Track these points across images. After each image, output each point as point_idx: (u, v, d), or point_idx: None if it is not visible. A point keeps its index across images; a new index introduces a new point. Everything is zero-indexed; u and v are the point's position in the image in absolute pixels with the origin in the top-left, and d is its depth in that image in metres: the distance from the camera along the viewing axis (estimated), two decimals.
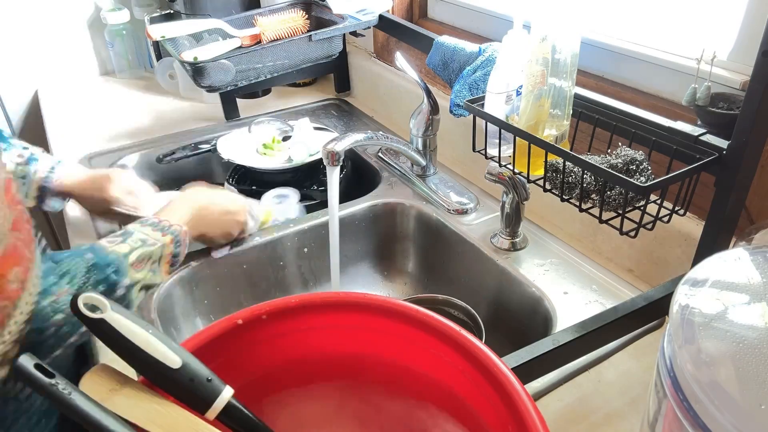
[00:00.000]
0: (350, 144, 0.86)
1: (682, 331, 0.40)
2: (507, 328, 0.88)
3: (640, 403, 0.64)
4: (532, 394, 0.64)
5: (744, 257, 0.45)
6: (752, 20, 0.71)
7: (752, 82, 0.55)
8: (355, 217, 1.01)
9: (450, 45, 0.96)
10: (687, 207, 0.65)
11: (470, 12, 1.16)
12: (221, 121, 1.32)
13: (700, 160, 0.61)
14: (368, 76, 1.39)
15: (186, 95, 1.45)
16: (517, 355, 0.57)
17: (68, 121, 1.35)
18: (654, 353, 0.44)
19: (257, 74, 1.11)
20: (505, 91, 0.75)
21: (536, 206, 0.95)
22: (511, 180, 0.82)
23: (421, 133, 1.02)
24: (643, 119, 0.67)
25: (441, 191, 1.02)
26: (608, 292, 0.80)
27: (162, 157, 1.15)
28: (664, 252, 0.78)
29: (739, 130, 0.58)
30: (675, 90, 0.80)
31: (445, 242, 0.97)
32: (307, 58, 1.14)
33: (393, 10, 1.26)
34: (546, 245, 0.90)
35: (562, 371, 0.66)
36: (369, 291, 1.05)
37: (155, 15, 1.39)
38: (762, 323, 0.38)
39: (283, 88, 1.50)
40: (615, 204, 0.65)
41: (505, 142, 0.79)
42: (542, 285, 0.81)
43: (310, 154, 1.10)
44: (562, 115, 0.70)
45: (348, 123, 1.33)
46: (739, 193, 0.62)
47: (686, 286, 0.43)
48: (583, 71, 0.90)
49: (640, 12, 0.86)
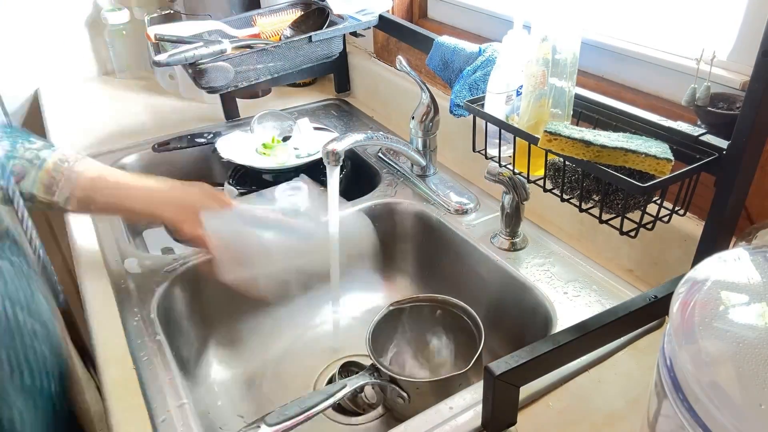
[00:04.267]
0: (350, 144, 0.86)
1: (682, 331, 0.40)
2: (507, 328, 0.89)
3: (640, 403, 0.64)
4: (532, 394, 0.65)
5: (744, 257, 0.45)
6: (752, 20, 0.71)
7: (752, 82, 0.55)
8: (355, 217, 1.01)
9: (450, 45, 0.96)
10: (687, 207, 0.65)
11: (470, 12, 1.16)
12: (221, 121, 1.32)
13: (700, 160, 0.61)
14: (368, 76, 1.39)
15: (186, 95, 1.45)
16: (517, 355, 0.57)
17: (68, 121, 1.35)
18: (654, 353, 0.44)
19: (257, 75, 1.11)
20: (505, 92, 0.75)
21: (536, 206, 0.95)
22: (511, 180, 0.82)
23: (421, 134, 1.02)
24: (643, 119, 0.67)
25: (441, 191, 1.02)
26: (608, 292, 0.80)
27: (157, 146, 1.15)
28: (664, 252, 0.78)
29: (739, 130, 0.58)
30: (675, 90, 0.80)
31: (445, 242, 0.97)
32: (307, 58, 1.14)
33: (393, 10, 1.26)
34: (546, 245, 0.90)
35: (562, 371, 0.66)
36: (369, 291, 1.05)
37: (155, 15, 1.39)
38: (762, 323, 0.38)
39: (283, 89, 1.50)
40: (617, 207, 0.65)
41: (505, 142, 0.79)
42: (542, 285, 0.81)
43: (309, 154, 1.10)
44: (563, 115, 0.70)
45: (348, 123, 1.33)
46: (739, 193, 0.62)
47: (686, 286, 0.43)
48: (583, 71, 0.90)
49: (640, 12, 0.86)
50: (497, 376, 0.55)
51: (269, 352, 0.94)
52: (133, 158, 1.19)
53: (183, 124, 1.31)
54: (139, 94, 1.50)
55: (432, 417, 0.63)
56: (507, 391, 0.58)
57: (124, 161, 1.17)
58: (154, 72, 1.53)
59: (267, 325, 0.96)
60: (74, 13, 1.55)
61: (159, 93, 1.49)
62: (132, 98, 1.48)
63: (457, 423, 0.63)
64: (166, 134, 1.25)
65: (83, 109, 1.43)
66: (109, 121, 1.33)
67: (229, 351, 0.93)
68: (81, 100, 1.48)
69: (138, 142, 1.23)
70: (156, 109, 1.41)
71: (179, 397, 0.67)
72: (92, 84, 1.59)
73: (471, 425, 0.62)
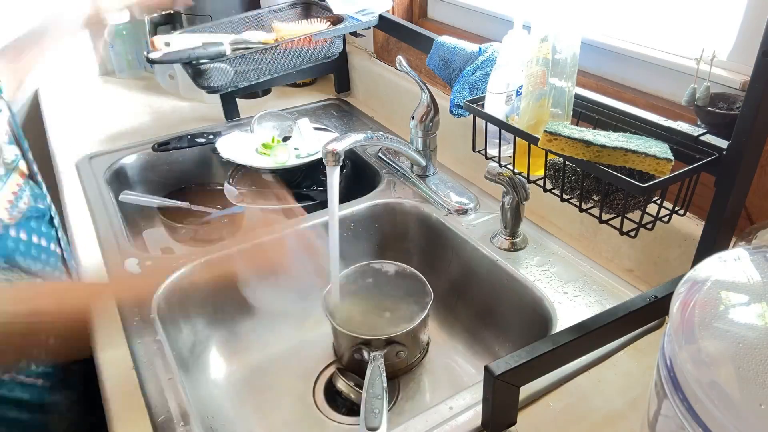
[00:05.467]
0: (350, 144, 0.86)
1: (682, 331, 0.40)
2: (507, 328, 0.88)
3: (640, 403, 0.64)
4: (532, 394, 0.65)
5: (744, 257, 0.45)
6: (752, 20, 0.71)
7: (752, 82, 0.55)
8: (355, 217, 1.01)
9: (450, 45, 0.96)
10: (687, 207, 0.65)
11: (470, 12, 1.16)
12: (221, 121, 1.32)
13: (700, 160, 0.61)
14: (368, 76, 1.39)
15: (186, 95, 1.45)
16: (517, 355, 0.57)
17: (68, 121, 1.35)
18: (654, 353, 0.44)
19: (257, 75, 1.11)
20: (505, 92, 0.75)
21: (536, 206, 0.95)
22: (511, 180, 0.82)
23: (421, 134, 1.02)
24: (643, 119, 0.67)
25: (441, 191, 1.02)
26: (608, 292, 0.80)
27: (157, 146, 1.15)
28: (664, 252, 0.78)
29: (739, 130, 0.58)
30: (675, 90, 0.80)
31: (445, 242, 0.97)
32: (308, 58, 1.14)
33: (393, 10, 1.26)
34: (546, 245, 0.90)
35: (562, 371, 0.66)
36: None
37: (155, 15, 1.39)
38: (762, 323, 0.38)
39: (283, 89, 1.50)
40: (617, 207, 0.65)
41: (505, 142, 0.79)
42: (542, 285, 0.81)
43: (309, 154, 1.10)
44: (563, 115, 0.70)
45: (348, 123, 1.33)
46: (739, 193, 0.62)
47: (686, 286, 0.43)
48: (583, 71, 0.90)
49: (640, 12, 0.86)
50: (497, 376, 0.55)
51: (269, 352, 0.94)
52: (133, 158, 1.19)
53: (183, 124, 1.31)
54: (139, 94, 1.50)
55: (432, 417, 0.63)
56: (507, 391, 0.58)
57: (124, 161, 1.17)
58: (154, 72, 1.53)
59: (267, 325, 0.96)
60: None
61: (159, 93, 1.49)
62: (132, 98, 1.48)
63: (457, 423, 0.63)
64: (166, 134, 1.25)
65: (83, 109, 1.43)
66: (109, 121, 1.33)
67: (229, 351, 0.93)
68: (81, 100, 1.48)
69: (138, 142, 1.23)
70: (156, 109, 1.41)
71: (179, 397, 0.67)
72: (92, 84, 1.59)
73: (471, 425, 0.62)
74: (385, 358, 0.78)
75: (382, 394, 0.70)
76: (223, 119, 1.33)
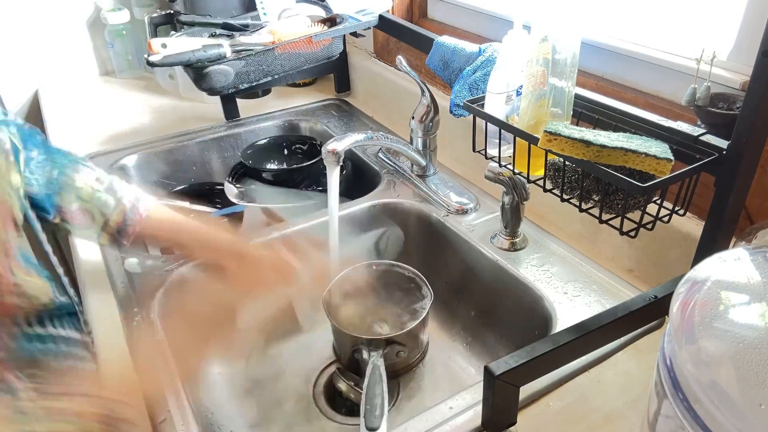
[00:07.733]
0: (350, 144, 0.86)
1: (682, 331, 0.40)
2: (507, 328, 0.89)
3: (640, 403, 0.64)
4: (532, 394, 0.65)
5: (744, 257, 0.45)
6: (752, 20, 0.71)
7: (752, 82, 0.55)
8: (355, 217, 1.01)
9: (450, 45, 0.96)
10: (687, 207, 0.65)
11: (470, 12, 1.16)
12: (221, 121, 1.32)
13: (700, 160, 0.61)
14: (368, 76, 1.39)
15: (186, 95, 1.45)
16: (517, 355, 0.57)
17: (68, 121, 1.35)
18: (654, 353, 0.44)
19: (258, 77, 1.11)
20: (505, 92, 0.75)
21: (536, 206, 0.95)
22: (511, 180, 0.82)
23: (421, 134, 1.02)
24: (643, 119, 0.67)
25: (441, 191, 1.02)
26: (608, 292, 0.80)
27: None
28: (664, 252, 0.78)
29: (739, 130, 0.58)
30: (675, 90, 0.80)
31: (445, 242, 0.97)
32: (308, 59, 1.14)
33: (393, 10, 1.26)
34: (546, 245, 0.90)
35: (562, 371, 0.66)
36: None
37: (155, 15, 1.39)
38: (762, 323, 0.38)
39: (284, 89, 1.50)
40: (617, 207, 0.65)
41: (505, 142, 0.79)
42: (542, 285, 0.81)
43: None
44: (563, 115, 0.70)
45: (348, 123, 1.33)
46: (739, 193, 0.62)
47: (686, 286, 0.43)
48: (583, 71, 0.90)
49: (640, 12, 0.86)
50: (497, 376, 0.55)
51: (269, 352, 0.94)
52: (133, 158, 1.19)
53: (183, 124, 1.31)
54: (139, 94, 1.50)
55: (432, 417, 0.63)
56: (507, 391, 0.58)
57: (124, 161, 1.17)
58: (154, 72, 1.53)
59: (267, 324, 0.96)
60: (74, 13, 1.55)
61: (159, 93, 1.49)
62: (132, 98, 1.48)
63: (457, 423, 0.63)
64: (165, 134, 1.25)
65: (83, 109, 1.43)
66: (109, 121, 1.33)
67: (229, 351, 0.93)
68: (81, 100, 1.48)
69: (138, 142, 1.23)
70: (156, 109, 1.41)
71: (179, 397, 0.67)
72: (92, 84, 1.59)
73: (471, 425, 0.62)
74: (385, 358, 0.78)
75: (382, 394, 0.70)
76: (223, 119, 1.33)
